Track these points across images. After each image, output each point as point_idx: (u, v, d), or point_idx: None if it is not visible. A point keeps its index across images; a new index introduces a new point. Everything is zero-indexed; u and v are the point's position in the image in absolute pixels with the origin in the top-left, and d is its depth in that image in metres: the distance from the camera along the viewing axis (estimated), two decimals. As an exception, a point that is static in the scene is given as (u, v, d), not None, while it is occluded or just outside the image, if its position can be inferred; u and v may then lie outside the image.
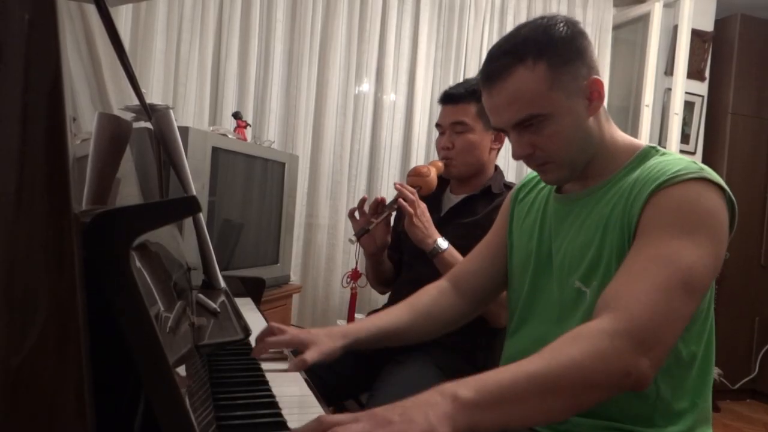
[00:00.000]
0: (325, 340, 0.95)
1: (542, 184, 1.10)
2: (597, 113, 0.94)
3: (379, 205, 1.55)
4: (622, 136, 0.99)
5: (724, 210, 0.85)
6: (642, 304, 0.75)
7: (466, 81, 1.67)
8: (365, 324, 1.07)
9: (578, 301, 0.92)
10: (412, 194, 1.50)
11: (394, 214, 1.58)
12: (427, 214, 1.51)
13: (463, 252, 1.44)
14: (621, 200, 0.89)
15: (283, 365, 0.93)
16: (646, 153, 0.95)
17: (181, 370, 0.48)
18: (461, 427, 0.63)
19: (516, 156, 0.95)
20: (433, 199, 1.63)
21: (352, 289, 1.78)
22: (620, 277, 0.81)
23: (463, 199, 1.63)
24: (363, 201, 1.60)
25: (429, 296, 1.16)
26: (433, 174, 1.60)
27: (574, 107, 0.91)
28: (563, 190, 1.04)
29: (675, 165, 0.86)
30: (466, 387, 0.66)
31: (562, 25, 0.91)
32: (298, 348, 0.95)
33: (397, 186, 1.52)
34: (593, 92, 0.92)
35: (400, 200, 1.50)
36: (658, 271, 0.78)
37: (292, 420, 0.68)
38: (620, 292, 0.78)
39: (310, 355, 0.91)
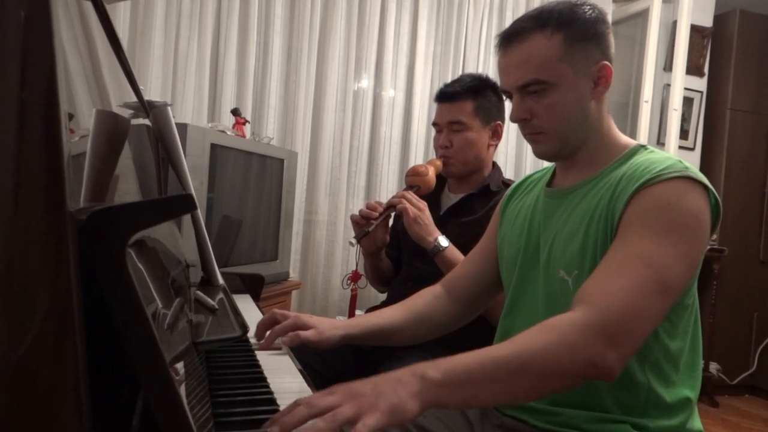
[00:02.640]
0: (325, 326, 1.00)
1: (534, 186, 1.12)
2: (601, 101, 0.98)
3: (377, 209, 1.55)
4: (617, 133, 1.01)
5: (705, 209, 0.87)
6: (615, 300, 0.78)
7: (461, 78, 1.66)
8: (361, 320, 1.09)
9: (563, 291, 0.93)
10: (412, 197, 1.50)
11: (393, 214, 1.58)
12: (427, 212, 1.51)
13: (463, 250, 1.44)
14: (607, 194, 0.91)
15: (281, 355, 0.95)
16: (635, 150, 0.97)
17: (179, 367, 0.48)
18: (428, 404, 0.68)
19: (513, 118, 0.99)
20: (432, 199, 1.63)
21: (352, 290, 1.79)
22: (597, 274, 0.84)
23: (461, 198, 1.63)
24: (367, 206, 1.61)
25: (424, 299, 1.18)
26: (432, 173, 1.60)
27: (579, 85, 0.94)
28: (553, 184, 1.06)
29: (660, 163, 0.88)
30: (435, 368, 0.71)
31: (588, 7, 0.96)
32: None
33: (393, 201, 1.52)
34: (601, 77, 0.95)
35: (394, 201, 1.50)
36: (633, 270, 0.81)
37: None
38: (595, 287, 0.82)
39: (305, 334, 0.96)
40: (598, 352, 0.75)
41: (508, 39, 0.97)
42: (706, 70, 3.48)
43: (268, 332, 1.00)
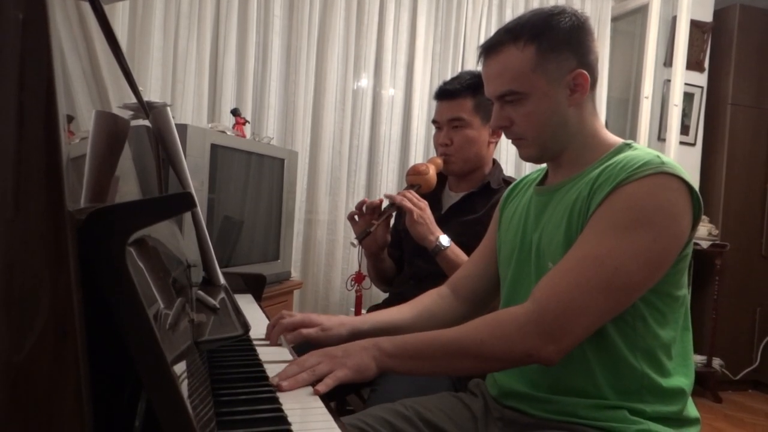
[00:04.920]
0: (332, 324, 1.05)
1: (528, 186, 1.15)
2: (581, 106, 0.99)
3: (377, 208, 1.55)
4: (605, 133, 1.03)
5: (681, 203, 0.88)
6: (557, 299, 0.86)
7: (460, 75, 1.66)
8: (369, 317, 1.12)
9: None
10: (412, 196, 1.50)
11: (394, 213, 1.58)
12: (429, 211, 1.51)
13: (465, 249, 1.44)
14: (586, 188, 0.94)
15: (284, 353, 0.97)
16: (620, 149, 0.99)
17: (181, 367, 0.48)
18: (383, 368, 0.88)
19: (493, 126, 1.05)
20: (433, 198, 1.63)
21: (356, 291, 1.79)
22: (552, 272, 0.91)
23: (462, 197, 1.63)
24: (362, 203, 1.60)
25: (431, 298, 1.21)
26: (432, 172, 1.60)
27: (554, 94, 0.96)
28: (545, 183, 1.09)
29: (638, 160, 0.90)
30: (391, 342, 0.90)
31: (565, 16, 0.97)
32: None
33: (397, 199, 1.52)
34: (577, 84, 0.97)
35: (399, 198, 1.50)
36: (582, 270, 0.87)
37: (294, 415, 0.68)
38: (546, 286, 0.89)
39: (308, 331, 1.01)
40: (533, 346, 0.86)
41: (486, 51, 1.01)
42: (706, 65, 3.47)
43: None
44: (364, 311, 1.90)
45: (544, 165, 1.12)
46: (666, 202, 0.88)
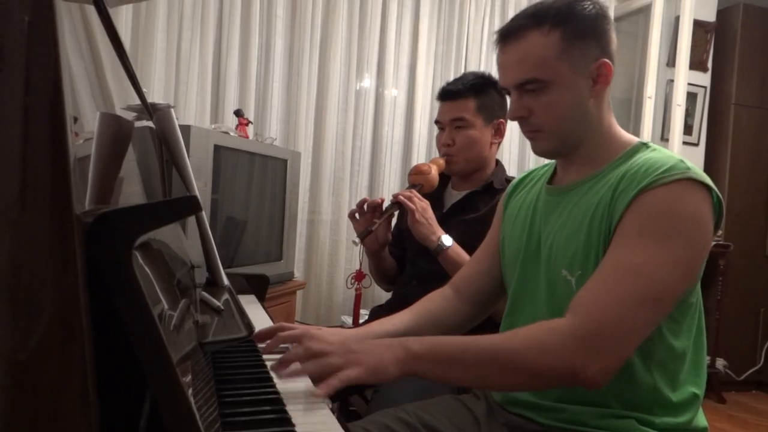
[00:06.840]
0: (334, 341, 0.95)
1: (535, 182, 1.11)
2: (600, 98, 0.96)
3: (378, 207, 1.55)
4: (618, 130, 1.00)
5: (707, 210, 0.86)
6: (604, 314, 0.80)
7: (463, 76, 1.66)
8: (370, 329, 1.06)
9: (565, 291, 0.92)
10: (413, 195, 1.51)
11: (396, 212, 1.58)
12: (430, 211, 1.51)
13: (467, 248, 1.44)
14: (608, 193, 0.90)
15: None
16: (637, 149, 0.95)
17: (185, 368, 0.48)
18: (407, 372, 0.78)
19: (511, 116, 0.98)
20: (435, 196, 1.63)
21: (356, 289, 1.79)
22: (591, 283, 0.85)
23: (465, 195, 1.63)
24: (363, 202, 1.60)
25: (434, 303, 1.16)
26: (434, 171, 1.60)
27: (577, 83, 0.93)
28: (554, 182, 1.05)
29: (662, 164, 0.87)
30: (420, 343, 0.80)
31: (588, 3, 0.93)
32: None
33: (399, 198, 1.52)
34: (600, 75, 0.94)
35: (401, 197, 1.50)
36: (625, 281, 0.82)
37: (297, 416, 0.68)
38: (588, 298, 0.83)
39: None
40: (579, 363, 0.78)
41: (506, 36, 0.95)
42: (709, 65, 3.46)
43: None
44: (363, 310, 1.90)
45: (553, 161, 1.08)
46: (695, 210, 0.85)
